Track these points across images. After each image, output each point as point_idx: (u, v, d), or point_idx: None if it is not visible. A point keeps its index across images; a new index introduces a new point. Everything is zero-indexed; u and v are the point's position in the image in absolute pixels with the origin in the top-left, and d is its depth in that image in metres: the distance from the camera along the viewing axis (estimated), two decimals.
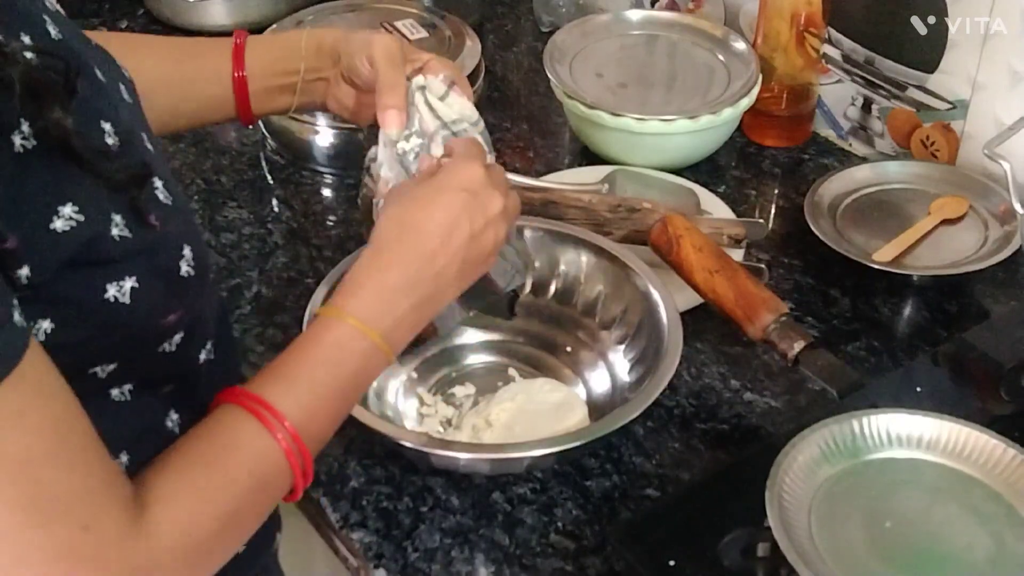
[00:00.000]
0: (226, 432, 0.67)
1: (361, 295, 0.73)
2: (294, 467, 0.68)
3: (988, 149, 1.04)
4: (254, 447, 0.67)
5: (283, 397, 0.68)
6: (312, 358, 0.71)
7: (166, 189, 0.67)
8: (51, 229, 0.58)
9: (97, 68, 0.67)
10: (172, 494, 0.63)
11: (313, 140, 1.30)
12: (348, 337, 0.72)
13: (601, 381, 1.01)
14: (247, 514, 0.67)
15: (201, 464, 0.65)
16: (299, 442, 0.68)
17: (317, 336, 0.72)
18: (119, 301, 0.61)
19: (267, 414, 0.67)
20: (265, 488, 0.68)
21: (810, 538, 0.76)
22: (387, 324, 0.73)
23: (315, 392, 0.70)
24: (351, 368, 0.72)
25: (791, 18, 1.26)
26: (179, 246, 0.66)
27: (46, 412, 0.57)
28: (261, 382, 0.70)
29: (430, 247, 0.75)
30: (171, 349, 0.67)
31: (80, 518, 0.57)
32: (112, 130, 0.64)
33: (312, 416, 0.69)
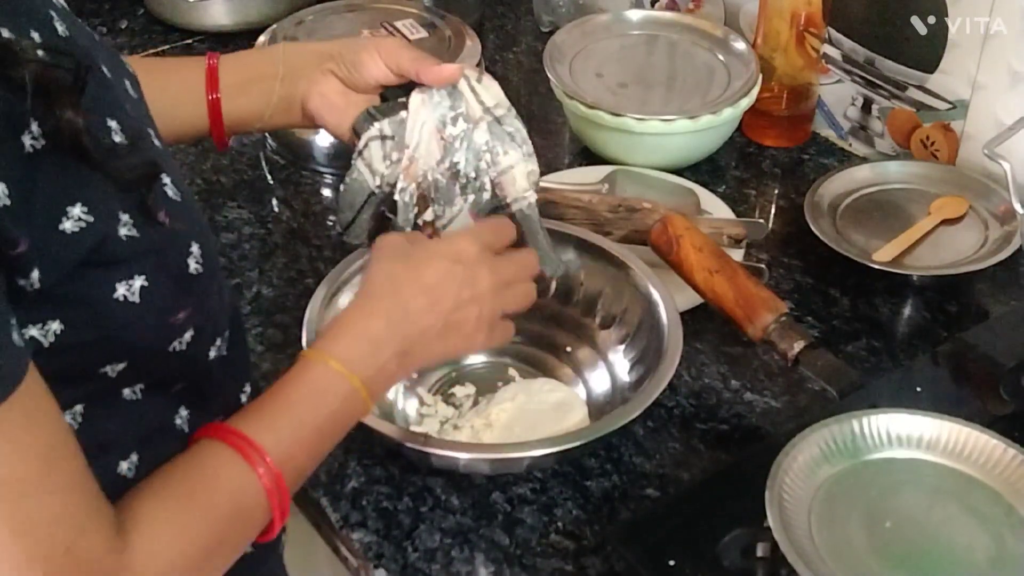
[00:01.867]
0: (208, 465, 0.68)
1: (345, 340, 0.75)
2: (272, 504, 0.69)
3: (988, 149, 1.04)
4: (235, 482, 0.68)
5: (264, 434, 0.69)
6: (293, 397, 0.72)
7: (174, 186, 0.67)
8: (61, 230, 0.57)
9: (104, 65, 0.67)
10: (152, 523, 0.63)
11: (313, 140, 1.30)
12: (329, 379, 0.73)
13: (601, 381, 1.01)
14: (224, 548, 0.68)
15: (182, 496, 0.66)
16: (279, 480, 0.68)
17: (299, 376, 0.73)
18: (128, 300, 0.61)
19: (249, 449, 0.68)
20: (244, 523, 0.69)
21: (810, 538, 0.76)
22: (368, 371, 0.75)
23: (295, 431, 0.71)
24: (330, 409, 0.73)
25: (791, 18, 1.26)
26: (187, 243, 0.66)
27: (36, 437, 0.57)
28: (243, 418, 0.70)
29: (416, 305, 0.78)
30: (181, 348, 0.67)
31: (62, 540, 0.58)
32: (119, 128, 0.64)
33: (292, 454, 0.70)
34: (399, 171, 0.86)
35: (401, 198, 0.86)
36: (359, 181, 0.87)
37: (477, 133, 0.87)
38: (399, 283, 0.78)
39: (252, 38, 1.38)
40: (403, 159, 0.86)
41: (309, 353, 0.74)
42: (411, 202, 0.87)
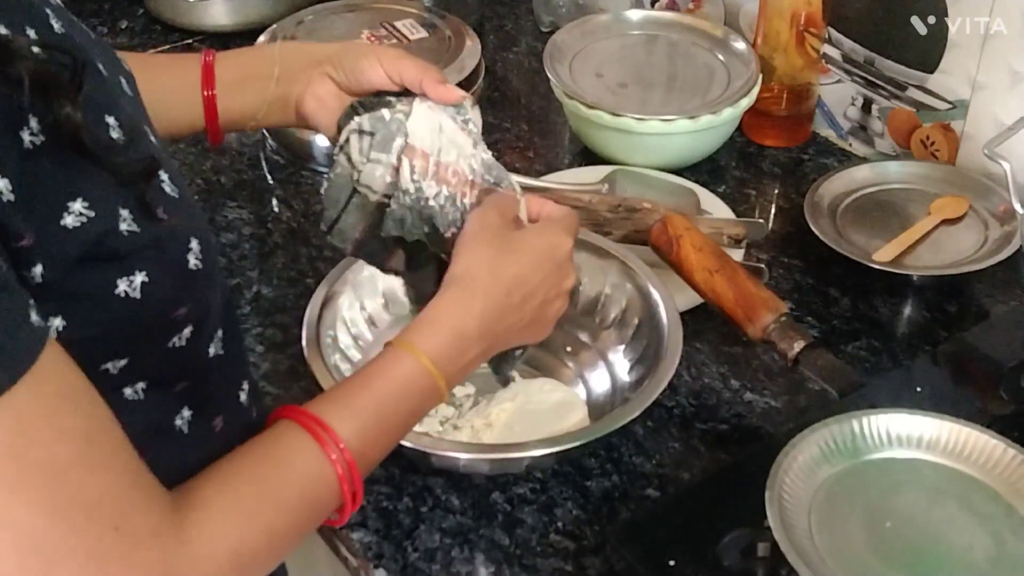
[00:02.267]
0: (281, 449, 0.67)
1: (438, 337, 0.75)
2: (345, 493, 0.68)
3: (988, 149, 1.04)
4: (309, 468, 0.67)
5: (345, 422, 0.69)
6: (379, 389, 0.72)
7: (172, 182, 0.67)
8: (62, 225, 0.58)
9: (99, 62, 0.67)
10: (218, 504, 0.63)
11: (313, 140, 1.30)
12: (417, 375, 0.73)
13: (601, 381, 1.01)
14: (292, 534, 0.67)
15: (253, 479, 0.65)
16: (353, 469, 0.68)
17: (388, 369, 0.73)
18: (129, 296, 0.61)
19: (326, 436, 0.67)
20: (313, 510, 0.68)
21: (810, 538, 0.76)
22: (454, 370, 0.75)
23: (376, 423, 0.71)
24: (413, 405, 0.74)
25: (791, 18, 1.26)
26: (186, 239, 0.66)
27: (73, 415, 0.56)
28: (324, 403, 0.70)
29: (511, 302, 0.77)
30: (181, 343, 0.67)
31: (110, 519, 0.57)
32: (117, 124, 0.64)
33: (369, 445, 0.70)
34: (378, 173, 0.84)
35: (436, 202, 0.84)
36: (342, 176, 0.85)
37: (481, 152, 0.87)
38: (498, 276, 0.77)
39: (252, 38, 1.38)
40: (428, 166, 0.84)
41: (400, 344, 0.74)
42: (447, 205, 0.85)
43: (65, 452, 0.56)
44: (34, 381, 0.54)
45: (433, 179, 0.85)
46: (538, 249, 0.80)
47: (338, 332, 1.00)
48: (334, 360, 0.97)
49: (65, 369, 0.57)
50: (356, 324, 1.02)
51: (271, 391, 1.02)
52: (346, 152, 0.85)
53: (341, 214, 0.85)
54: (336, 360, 0.97)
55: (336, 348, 0.98)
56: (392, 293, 1.04)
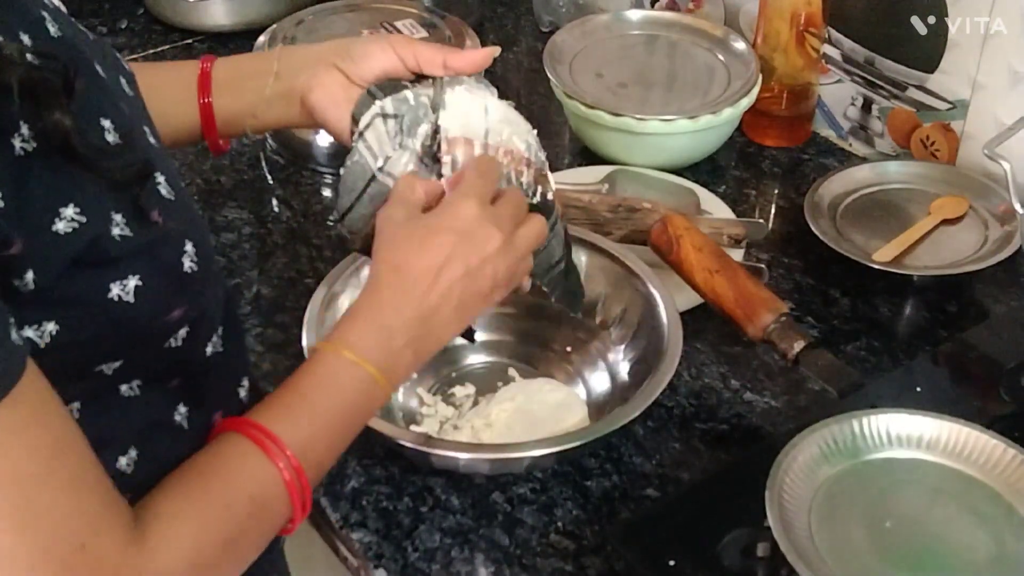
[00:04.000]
0: (228, 459, 0.68)
1: (356, 330, 0.74)
2: (293, 497, 0.68)
3: (988, 149, 1.04)
4: (256, 475, 0.67)
5: (283, 426, 0.69)
6: (310, 388, 0.72)
7: (168, 184, 0.67)
8: (54, 231, 0.57)
9: (98, 64, 0.67)
10: (174, 516, 0.63)
11: (313, 140, 1.30)
12: (343, 368, 0.73)
13: (601, 381, 1.01)
14: (246, 542, 0.68)
15: (203, 490, 0.66)
16: (300, 472, 0.68)
17: (313, 368, 0.73)
18: (123, 300, 0.61)
19: (269, 442, 0.68)
20: (265, 516, 0.68)
21: (810, 538, 0.76)
22: (382, 358, 0.74)
23: (314, 422, 0.71)
24: (348, 398, 0.73)
25: (791, 18, 1.26)
26: (181, 242, 0.66)
27: (42, 433, 0.57)
28: (262, 411, 0.70)
29: (420, 289, 0.76)
30: (177, 344, 0.67)
31: (77, 537, 0.58)
32: (112, 127, 0.64)
33: (311, 445, 0.70)
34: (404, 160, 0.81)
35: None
36: (360, 164, 0.82)
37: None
38: (404, 269, 0.76)
39: (252, 38, 1.38)
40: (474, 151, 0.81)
41: (322, 345, 0.74)
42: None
43: (34, 469, 0.56)
44: (10, 400, 0.54)
45: None
46: (440, 228, 0.77)
47: None
48: None
49: (38, 386, 0.57)
50: None
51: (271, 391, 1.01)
52: (367, 140, 0.82)
53: (354, 204, 0.83)
54: None
55: None
56: None
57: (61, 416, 0.59)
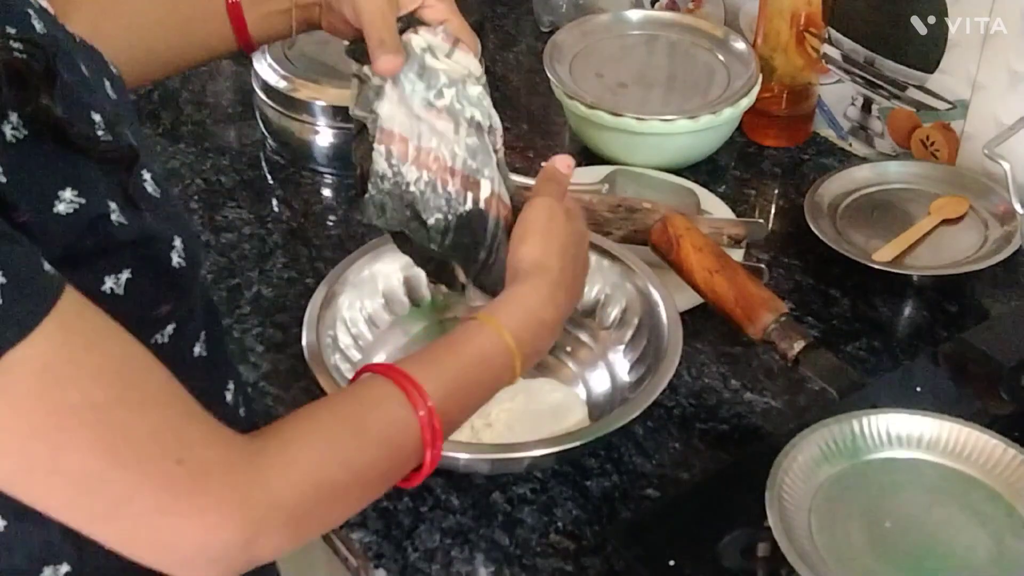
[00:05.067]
0: (369, 394, 0.68)
1: (521, 319, 0.77)
2: (425, 446, 0.68)
3: (988, 149, 1.04)
4: (394, 413, 0.68)
5: (430, 380, 0.69)
6: (465, 355, 0.74)
7: (154, 182, 0.67)
8: (55, 212, 0.58)
9: (82, 63, 0.68)
10: (297, 434, 0.63)
11: (313, 140, 1.30)
12: (499, 349, 0.75)
13: (601, 381, 1.01)
14: (371, 475, 0.67)
15: (338, 416, 0.66)
16: (435, 423, 0.69)
17: (473, 339, 0.75)
18: (115, 293, 0.61)
19: (413, 389, 0.68)
20: (395, 456, 0.68)
21: (810, 538, 0.76)
22: (529, 352, 0.77)
23: (459, 385, 0.72)
24: (491, 378, 0.75)
25: (791, 18, 1.26)
26: (170, 237, 0.66)
27: (103, 356, 0.57)
28: (410, 362, 0.71)
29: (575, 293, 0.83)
30: (163, 340, 0.67)
31: (170, 453, 0.57)
32: (101, 121, 0.64)
33: (451, 406, 0.71)
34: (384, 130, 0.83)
35: (417, 188, 0.84)
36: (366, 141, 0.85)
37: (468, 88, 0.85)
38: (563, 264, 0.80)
39: None
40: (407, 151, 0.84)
41: (485, 318, 0.76)
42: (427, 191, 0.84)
43: (102, 393, 0.56)
44: (56, 326, 0.54)
45: (413, 164, 0.84)
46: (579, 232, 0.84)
47: (338, 332, 1.00)
48: (334, 360, 0.97)
49: (88, 313, 0.57)
50: (356, 324, 1.02)
51: (271, 391, 1.02)
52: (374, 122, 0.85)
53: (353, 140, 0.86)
54: (336, 360, 0.97)
55: (336, 348, 0.98)
56: (392, 293, 1.04)
57: (121, 338, 0.58)
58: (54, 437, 0.55)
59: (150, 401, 0.58)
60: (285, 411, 0.98)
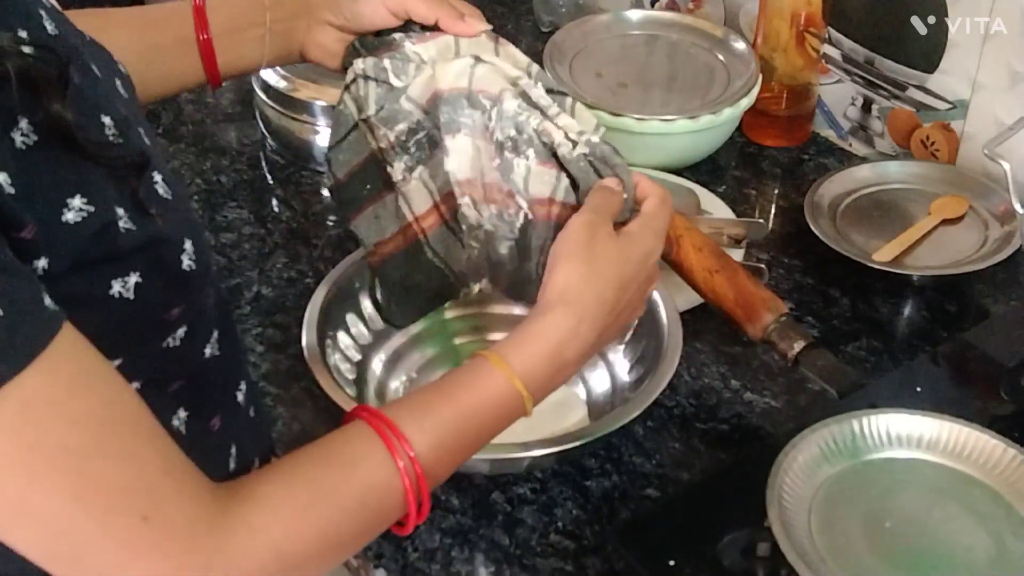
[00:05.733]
0: (347, 451, 0.66)
1: (537, 359, 0.72)
2: (409, 501, 0.66)
3: (988, 149, 1.04)
4: (373, 475, 0.65)
5: (421, 432, 0.67)
6: (465, 403, 0.69)
7: (165, 183, 0.67)
8: (63, 221, 0.58)
9: (93, 64, 0.67)
10: (268, 499, 0.62)
11: (313, 140, 1.30)
12: (506, 394, 0.70)
13: (601, 381, 1.01)
14: (346, 539, 0.65)
15: (310, 478, 0.64)
16: (422, 480, 0.66)
17: (477, 383, 0.70)
18: (123, 296, 0.61)
19: (397, 444, 0.65)
20: (373, 518, 0.66)
21: (810, 538, 0.76)
22: (544, 389, 0.73)
23: (455, 437, 0.69)
24: (495, 423, 0.71)
25: (791, 18, 1.26)
26: (180, 240, 0.66)
27: (87, 401, 0.56)
28: (402, 409, 0.68)
29: (610, 319, 0.74)
30: (175, 344, 0.67)
31: (137, 508, 0.56)
32: (112, 123, 0.64)
33: (443, 458, 0.68)
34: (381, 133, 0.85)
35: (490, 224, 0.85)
36: (344, 113, 0.85)
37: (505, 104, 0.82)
38: (602, 297, 0.73)
39: None
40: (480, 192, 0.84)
41: (495, 360, 0.70)
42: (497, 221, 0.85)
43: (80, 440, 0.55)
44: (45, 366, 0.54)
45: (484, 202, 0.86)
46: (634, 260, 0.76)
47: (338, 332, 1.00)
48: (334, 360, 0.97)
49: (80, 354, 0.56)
50: (356, 324, 1.02)
51: (271, 391, 1.02)
52: (352, 93, 0.85)
53: (337, 144, 0.86)
54: (336, 360, 0.97)
55: (336, 348, 0.98)
56: None
57: (109, 384, 0.57)
58: (26, 475, 0.54)
59: (129, 452, 0.57)
60: (285, 411, 0.99)
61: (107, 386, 0.58)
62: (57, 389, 0.55)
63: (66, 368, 0.55)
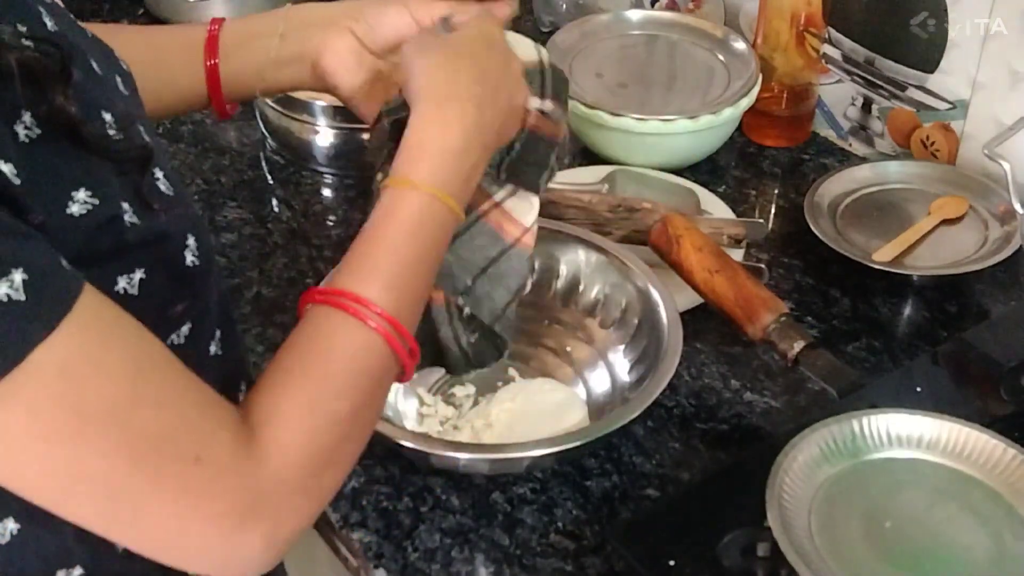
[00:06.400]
0: (321, 336, 0.66)
1: (431, 161, 0.71)
2: (397, 351, 0.67)
3: (988, 149, 1.04)
4: (353, 344, 0.66)
5: (371, 285, 0.67)
6: (394, 236, 0.70)
7: (167, 180, 0.67)
8: (68, 214, 0.58)
9: (94, 60, 0.67)
10: (282, 412, 0.63)
11: (313, 140, 1.30)
12: (426, 206, 0.70)
13: (601, 381, 1.01)
14: (360, 413, 0.67)
15: (305, 376, 0.65)
16: (396, 324, 0.67)
17: (394, 211, 0.70)
18: (128, 293, 0.61)
19: (358, 307, 0.66)
20: (374, 381, 0.67)
21: (810, 538, 0.76)
22: (458, 183, 0.72)
23: (401, 271, 0.69)
24: (432, 238, 0.71)
25: (791, 18, 1.26)
26: (183, 236, 0.66)
27: (120, 355, 0.56)
28: (345, 273, 0.69)
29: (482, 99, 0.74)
30: (180, 341, 0.67)
31: (188, 451, 0.57)
32: (113, 120, 0.64)
33: (402, 295, 0.68)
34: None
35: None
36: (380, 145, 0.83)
37: None
38: (456, 76, 0.74)
39: None
40: None
41: (397, 182, 0.71)
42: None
43: (120, 393, 0.55)
44: (74, 326, 0.54)
45: None
46: (478, 40, 0.78)
47: None
48: None
49: (104, 310, 0.57)
50: None
51: None
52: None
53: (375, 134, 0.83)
54: None
55: None
56: None
57: (136, 333, 0.58)
58: (75, 442, 0.54)
59: (168, 398, 0.58)
60: None
61: (134, 336, 0.58)
62: (91, 347, 0.55)
63: (96, 325, 0.55)
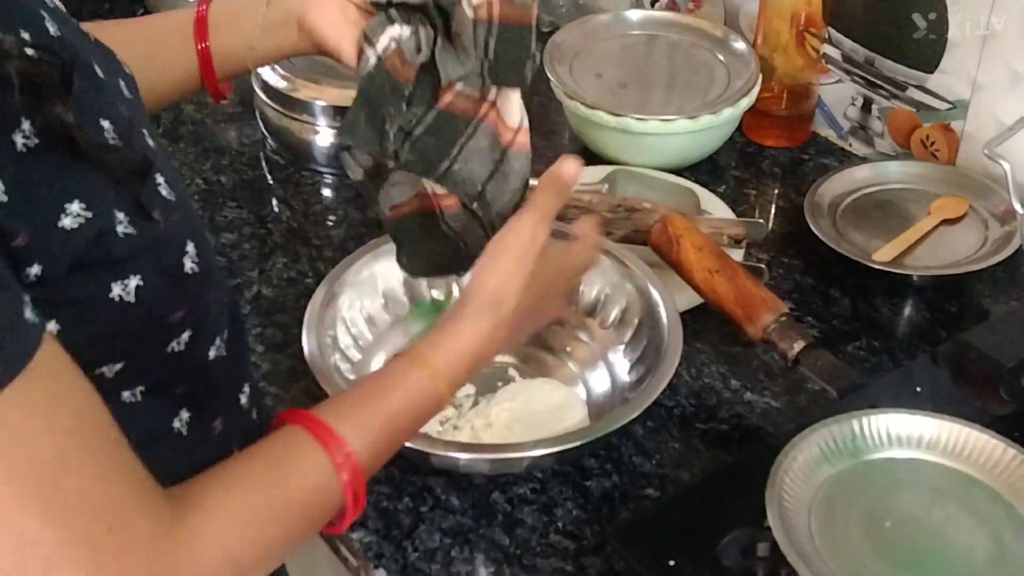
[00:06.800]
0: (290, 457, 0.67)
1: (459, 361, 0.75)
2: (348, 501, 0.68)
3: (988, 149, 1.04)
4: (316, 478, 0.67)
5: (356, 433, 0.69)
6: (393, 402, 0.72)
7: (168, 185, 0.66)
8: (60, 227, 0.57)
9: (97, 65, 0.67)
10: (221, 509, 0.63)
11: (313, 140, 1.30)
12: (430, 392, 0.74)
13: (601, 381, 1.01)
14: (292, 541, 0.67)
15: (259, 486, 0.65)
16: (359, 477, 0.68)
17: (404, 383, 0.73)
18: (124, 300, 0.61)
19: (335, 446, 0.67)
20: (317, 519, 0.68)
21: (810, 538, 0.76)
22: (462, 381, 0.77)
23: (386, 434, 0.71)
24: (421, 418, 0.75)
25: (791, 18, 1.26)
26: (182, 242, 0.66)
27: (61, 414, 0.56)
28: (335, 411, 0.70)
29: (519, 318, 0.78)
30: (180, 348, 0.67)
31: (103, 519, 0.57)
32: (111, 127, 0.63)
33: (376, 455, 0.71)
34: None
35: None
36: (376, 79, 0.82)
37: None
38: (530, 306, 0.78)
39: None
40: None
41: (420, 361, 0.74)
42: None
43: (53, 451, 0.55)
44: (25, 382, 0.54)
45: None
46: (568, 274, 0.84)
47: (338, 332, 1.00)
48: (334, 360, 0.97)
49: (59, 367, 0.56)
50: (356, 324, 1.02)
51: (271, 391, 1.02)
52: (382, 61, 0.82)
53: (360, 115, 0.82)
54: (336, 360, 0.97)
55: (336, 348, 0.98)
56: (392, 293, 1.04)
57: (83, 397, 0.58)
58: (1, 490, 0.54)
59: (99, 463, 0.58)
60: None
61: (83, 398, 0.58)
62: (35, 403, 0.55)
63: (46, 382, 0.55)
